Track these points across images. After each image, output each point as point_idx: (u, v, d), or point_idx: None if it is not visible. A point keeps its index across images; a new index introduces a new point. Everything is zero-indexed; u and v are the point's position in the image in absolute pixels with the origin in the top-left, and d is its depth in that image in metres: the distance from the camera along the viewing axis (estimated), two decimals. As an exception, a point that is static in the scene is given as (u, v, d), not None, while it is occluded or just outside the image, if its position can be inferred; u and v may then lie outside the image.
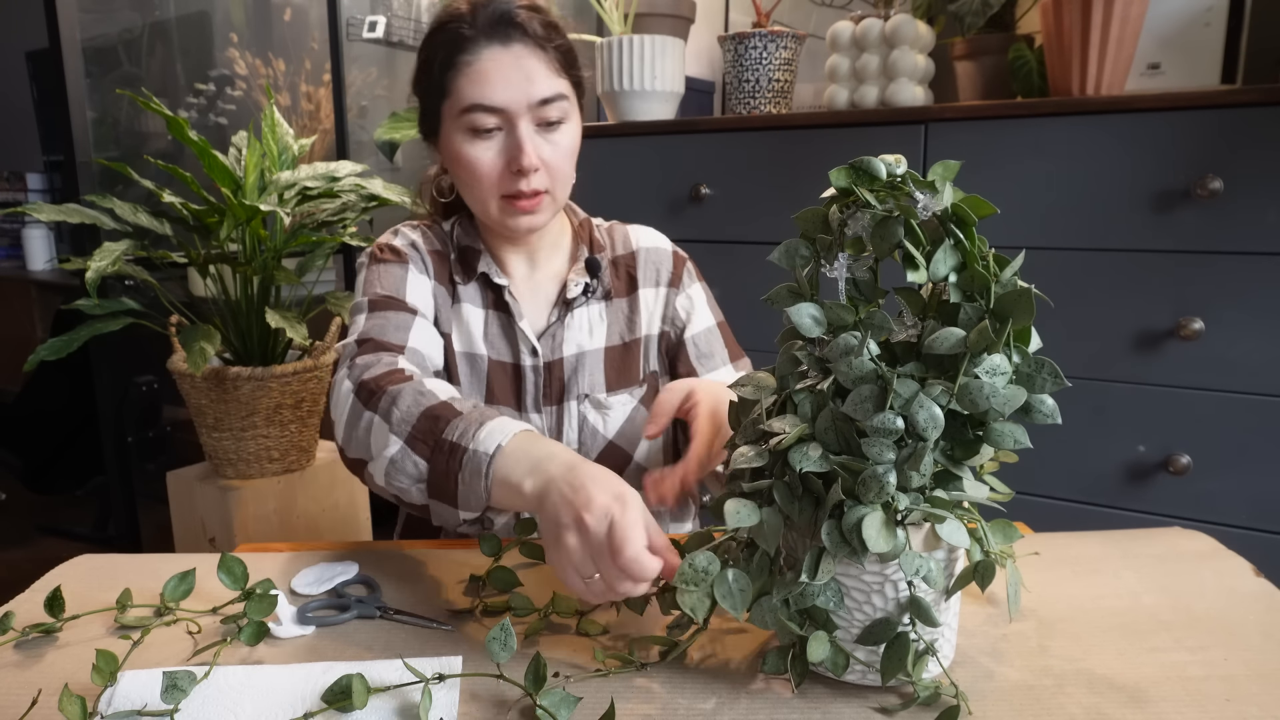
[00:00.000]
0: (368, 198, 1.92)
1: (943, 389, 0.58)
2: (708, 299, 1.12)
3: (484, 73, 0.91)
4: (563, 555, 0.66)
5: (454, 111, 0.94)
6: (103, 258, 1.62)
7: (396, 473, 0.78)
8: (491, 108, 0.92)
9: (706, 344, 1.08)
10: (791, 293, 0.65)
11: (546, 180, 0.95)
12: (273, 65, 2.64)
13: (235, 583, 0.73)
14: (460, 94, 0.93)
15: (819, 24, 2.01)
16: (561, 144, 0.96)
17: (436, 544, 0.94)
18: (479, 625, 0.74)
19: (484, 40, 0.92)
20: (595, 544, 0.64)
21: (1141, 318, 1.41)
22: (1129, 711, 0.60)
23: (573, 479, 0.68)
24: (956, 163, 0.61)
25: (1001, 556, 0.64)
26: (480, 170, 0.94)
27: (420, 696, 0.60)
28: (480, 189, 0.96)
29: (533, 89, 0.92)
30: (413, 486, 0.78)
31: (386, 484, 0.80)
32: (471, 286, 1.04)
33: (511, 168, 0.93)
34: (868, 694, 0.63)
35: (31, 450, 2.71)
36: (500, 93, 0.91)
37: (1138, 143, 1.38)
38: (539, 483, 0.70)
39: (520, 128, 0.92)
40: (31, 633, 0.72)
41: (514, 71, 0.92)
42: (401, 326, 0.94)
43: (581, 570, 0.66)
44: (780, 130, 1.65)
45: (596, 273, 1.04)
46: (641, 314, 1.07)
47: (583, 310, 1.05)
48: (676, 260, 1.11)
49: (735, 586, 0.62)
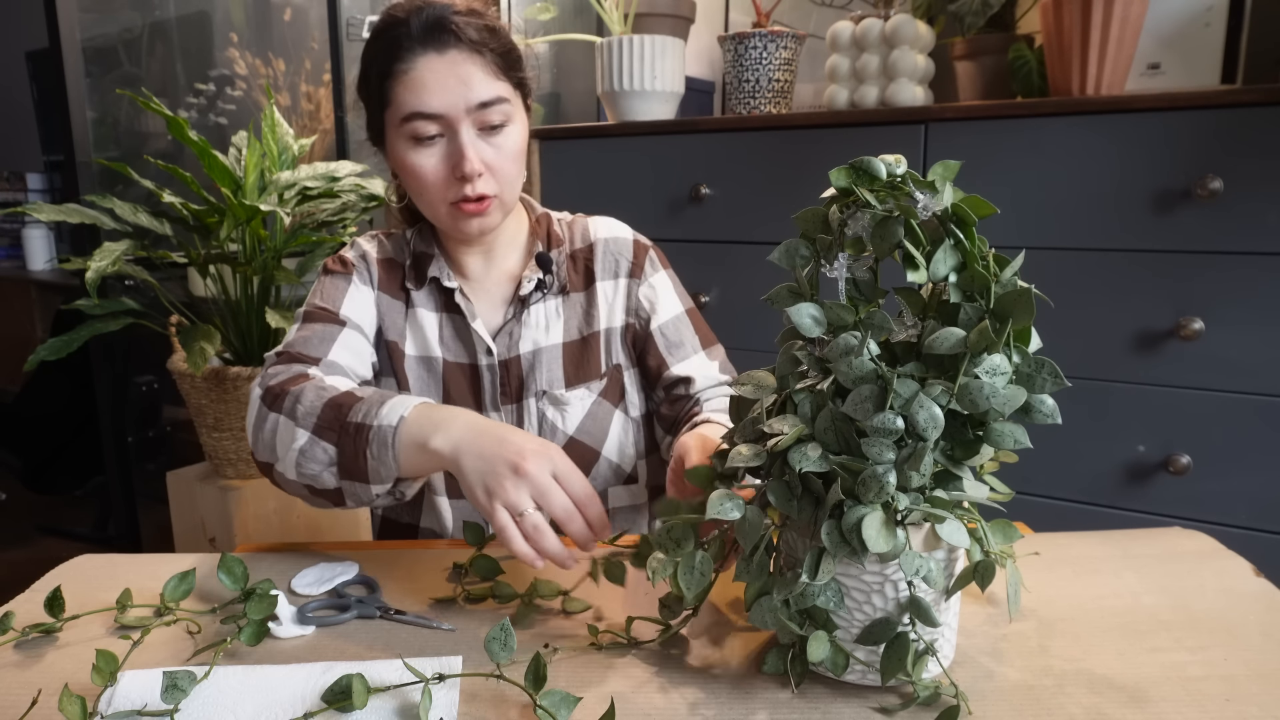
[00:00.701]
0: (368, 198, 1.92)
1: (943, 389, 0.58)
2: (674, 286, 1.10)
3: (421, 80, 0.91)
4: (500, 499, 0.72)
5: (395, 120, 0.94)
6: (103, 258, 1.62)
7: (307, 462, 0.84)
8: (430, 115, 0.92)
9: (675, 333, 1.07)
10: (791, 293, 0.65)
11: (493, 184, 0.95)
12: (273, 65, 2.64)
13: (235, 583, 0.73)
14: (400, 103, 0.93)
15: (819, 24, 2.01)
16: (505, 146, 0.95)
17: (435, 544, 0.94)
18: (479, 625, 0.74)
19: (419, 48, 0.92)
20: (537, 486, 0.72)
21: (1141, 318, 1.41)
22: (1129, 711, 0.60)
23: (493, 433, 0.76)
24: (956, 163, 0.61)
25: (1001, 556, 0.64)
26: (425, 177, 0.95)
27: (420, 696, 0.60)
28: (427, 195, 0.96)
29: (471, 94, 0.92)
30: (324, 472, 0.84)
31: (298, 476, 0.85)
32: (424, 292, 1.05)
33: (455, 173, 0.93)
34: (868, 694, 0.63)
35: (31, 450, 2.71)
36: (438, 100, 0.91)
37: (1138, 143, 1.38)
38: (448, 441, 0.76)
39: (461, 133, 0.93)
40: (31, 633, 0.72)
41: (450, 78, 0.91)
42: (325, 339, 0.97)
43: (516, 508, 0.72)
44: (780, 130, 1.65)
45: (549, 268, 1.04)
46: (600, 307, 1.06)
47: (539, 306, 1.05)
48: (638, 249, 1.09)
49: (697, 569, 0.65)
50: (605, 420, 1.05)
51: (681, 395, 1.04)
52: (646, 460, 1.10)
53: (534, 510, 0.72)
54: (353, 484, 0.83)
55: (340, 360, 0.97)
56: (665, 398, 1.06)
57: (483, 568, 0.81)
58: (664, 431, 1.08)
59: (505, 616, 0.73)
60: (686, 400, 1.04)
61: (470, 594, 0.79)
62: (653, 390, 1.08)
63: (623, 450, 1.06)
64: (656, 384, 1.06)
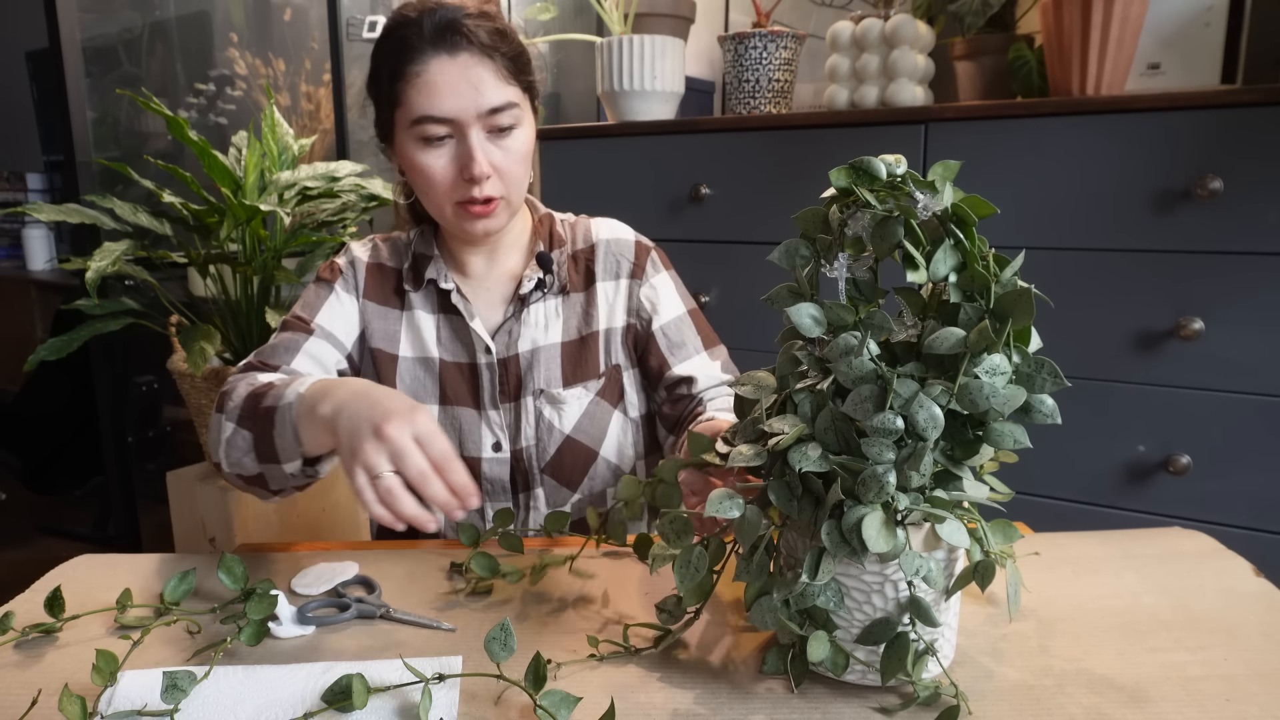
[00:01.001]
0: (368, 198, 1.92)
1: (943, 389, 0.58)
2: (676, 287, 1.10)
3: (432, 83, 0.92)
4: (359, 460, 0.72)
5: (405, 121, 0.95)
6: (103, 258, 1.62)
7: (232, 450, 0.88)
8: (441, 118, 0.92)
9: (677, 333, 1.07)
10: (791, 293, 0.65)
11: (500, 186, 0.96)
12: (273, 65, 2.64)
13: (235, 583, 0.73)
14: (410, 104, 0.93)
15: (819, 24, 2.01)
16: (514, 149, 0.96)
17: (437, 543, 0.94)
18: (479, 625, 0.74)
19: (431, 50, 0.92)
20: (395, 448, 0.72)
21: (1141, 318, 1.41)
22: (1129, 711, 0.60)
23: (368, 397, 0.76)
24: (956, 163, 0.61)
25: (1001, 556, 0.64)
26: (433, 178, 0.95)
27: (420, 696, 0.60)
28: (435, 195, 0.97)
29: (481, 99, 0.92)
30: (244, 458, 0.87)
31: (229, 466, 0.89)
32: (421, 294, 1.05)
33: (463, 175, 0.94)
34: (868, 694, 0.63)
35: (31, 450, 2.71)
36: (449, 103, 0.92)
37: (1138, 143, 1.38)
38: (332, 407, 0.78)
39: (471, 136, 0.93)
40: (31, 633, 0.72)
41: (462, 81, 0.92)
42: (290, 348, 1.00)
43: (373, 470, 0.72)
44: (780, 130, 1.65)
45: (549, 268, 1.04)
46: (600, 307, 1.06)
47: (538, 306, 1.05)
48: (639, 250, 1.09)
49: (694, 563, 0.65)
50: (603, 420, 1.05)
51: (684, 395, 1.04)
52: (646, 461, 1.10)
53: (391, 473, 0.72)
54: (269, 465, 0.86)
55: (301, 369, 0.99)
56: (667, 398, 1.06)
57: (481, 565, 0.81)
58: (666, 431, 1.08)
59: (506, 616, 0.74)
60: (689, 400, 1.04)
61: (475, 588, 0.79)
62: (654, 390, 1.08)
63: (621, 450, 1.07)
64: (658, 384, 1.07)
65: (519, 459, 1.03)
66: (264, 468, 0.87)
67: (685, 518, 0.67)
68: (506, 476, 1.04)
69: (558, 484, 1.04)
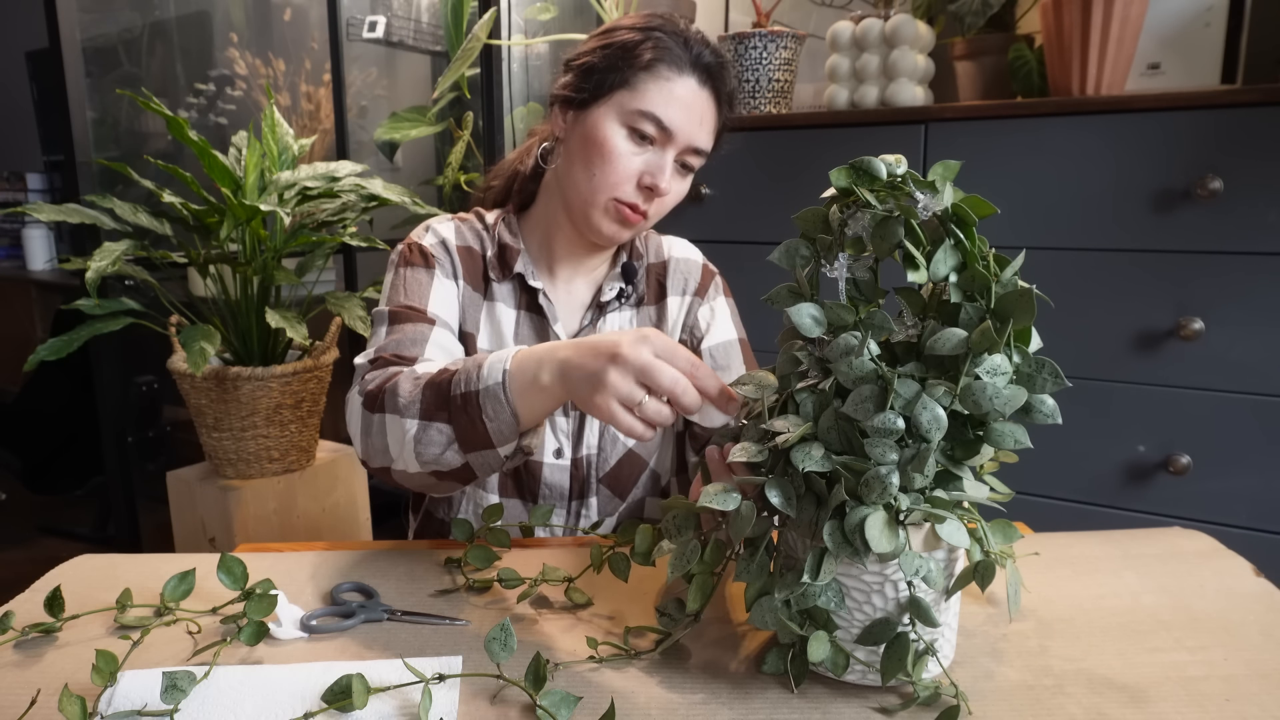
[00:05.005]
0: (368, 198, 1.92)
1: (945, 390, 0.58)
2: (732, 314, 1.12)
3: (676, 96, 0.94)
4: (607, 394, 0.70)
5: (626, 105, 0.95)
6: (103, 258, 1.62)
7: (425, 448, 0.81)
8: (665, 126, 0.94)
9: (724, 356, 1.08)
10: (791, 293, 0.65)
11: (656, 208, 0.99)
12: (273, 65, 2.64)
13: (235, 583, 0.73)
14: (644, 96, 0.94)
15: (819, 24, 2.01)
16: (681, 189, 1.00)
17: (434, 543, 0.94)
18: (479, 625, 0.74)
19: (691, 70, 0.95)
20: (638, 366, 0.69)
21: (1141, 318, 1.41)
22: (1129, 711, 0.60)
23: (590, 343, 0.73)
24: (956, 163, 0.61)
25: (1001, 556, 0.64)
26: (618, 165, 0.95)
27: (420, 696, 0.60)
28: (603, 178, 0.96)
29: (698, 135, 0.97)
30: (445, 452, 0.81)
31: (420, 464, 0.82)
32: (506, 285, 1.04)
33: (644, 180, 0.96)
34: (868, 694, 0.63)
35: (31, 450, 2.71)
36: (679, 119, 0.95)
37: (1138, 143, 1.38)
38: (554, 367, 0.75)
39: (668, 155, 0.96)
40: (31, 633, 0.72)
41: (695, 110, 0.96)
42: (418, 340, 0.95)
43: (630, 399, 0.69)
44: (780, 130, 1.65)
45: (632, 279, 1.06)
46: (667, 322, 1.08)
47: (615, 315, 1.06)
48: (705, 273, 1.12)
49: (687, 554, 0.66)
50: (658, 435, 1.05)
51: None
52: (677, 479, 1.12)
53: (648, 398, 0.70)
54: (479, 454, 0.80)
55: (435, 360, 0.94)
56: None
57: (479, 557, 0.81)
58: (694, 452, 1.09)
59: (506, 616, 0.74)
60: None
61: (475, 583, 0.80)
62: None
63: (662, 463, 1.09)
64: None
65: (578, 466, 1.03)
66: (471, 457, 0.81)
67: (685, 512, 0.67)
68: (565, 483, 1.03)
69: (611, 494, 1.05)
